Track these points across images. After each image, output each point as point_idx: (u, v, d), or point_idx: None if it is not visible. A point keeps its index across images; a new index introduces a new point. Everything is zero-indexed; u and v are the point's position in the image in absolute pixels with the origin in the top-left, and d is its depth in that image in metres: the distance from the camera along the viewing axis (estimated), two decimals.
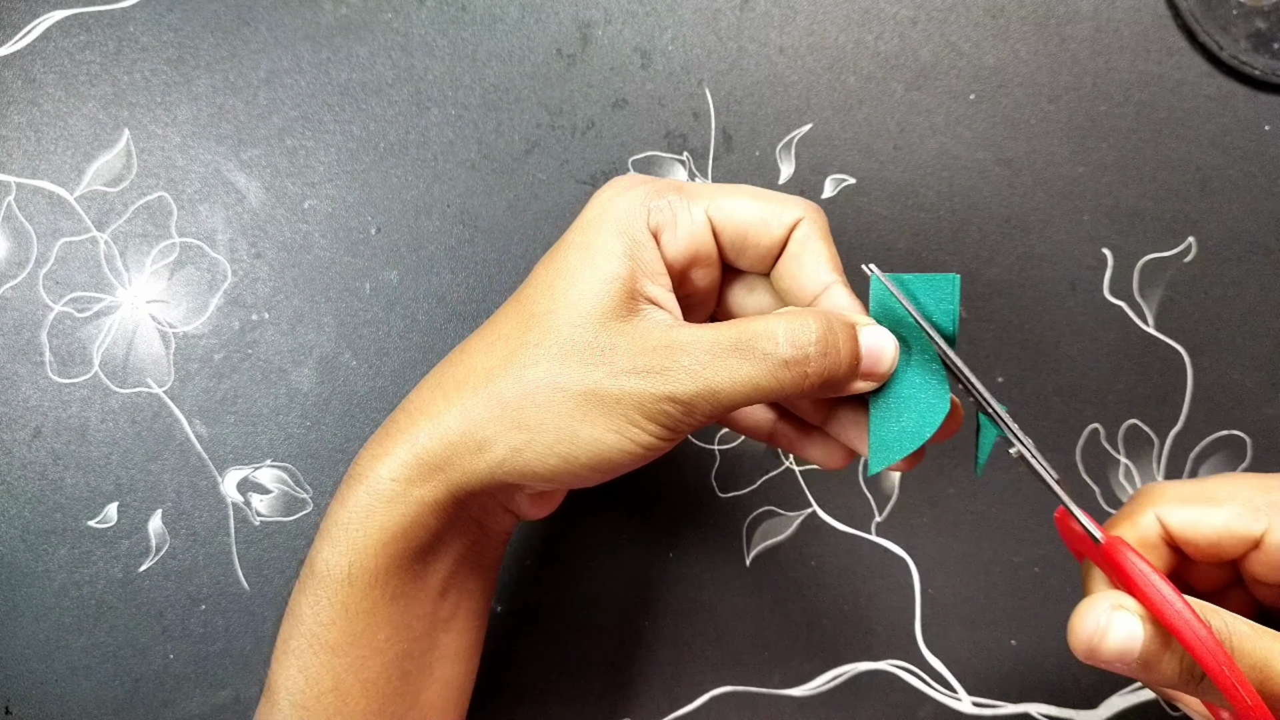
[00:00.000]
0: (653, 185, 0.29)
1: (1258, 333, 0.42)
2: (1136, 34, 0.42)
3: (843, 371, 0.27)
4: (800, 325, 0.27)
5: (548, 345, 0.28)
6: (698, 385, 0.27)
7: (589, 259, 0.28)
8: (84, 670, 0.40)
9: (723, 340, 0.27)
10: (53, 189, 0.41)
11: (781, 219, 0.29)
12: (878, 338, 0.28)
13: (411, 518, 0.29)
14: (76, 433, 0.41)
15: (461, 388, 0.29)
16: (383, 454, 0.29)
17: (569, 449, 0.28)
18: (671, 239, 0.29)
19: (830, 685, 0.41)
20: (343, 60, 0.42)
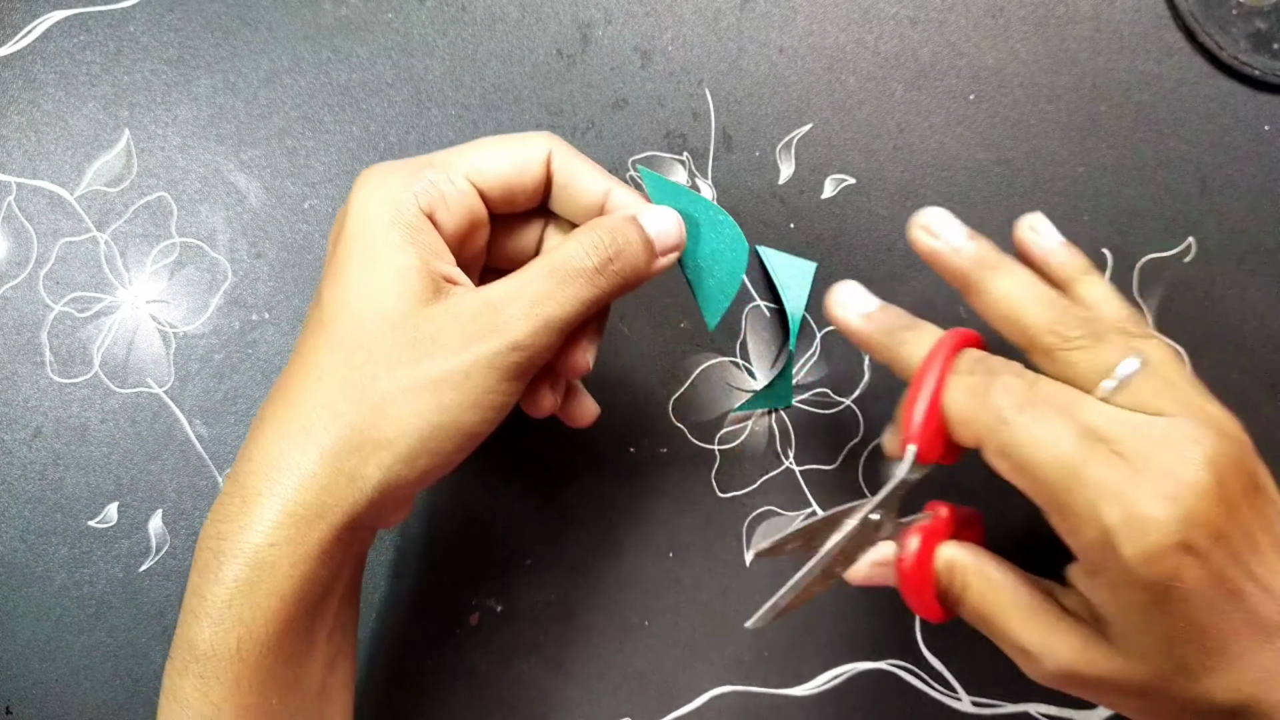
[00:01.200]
0: (404, 169, 0.30)
1: (1258, 333, 0.42)
2: (1136, 34, 0.42)
3: (643, 256, 0.30)
4: (593, 236, 0.29)
5: (376, 358, 0.28)
6: (533, 323, 0.28)
7: (375, 260, 0.28)
8: (84, 670, 0.40)
9: (536, 277, 0.29)
10: (53, 189, 0.41)
11: (535, 156, 0.31)
12: (659, 217, 0.31)
13: (300, 576, 0.28)
14: (77, 433, 0.41)
15: (309, 430, 0.28)
16: (249, 521, 0.27)
17: (435, 444, 0.28)
18: (446, 216, 0.29)
19: (830, 685, 0.41)
20: (343, 60, 0.42)
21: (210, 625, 0.27)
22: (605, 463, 0.41)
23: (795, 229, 0.42)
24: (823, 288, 0.34)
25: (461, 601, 0.41)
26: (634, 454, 0.42)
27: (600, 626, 0.41)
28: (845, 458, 0.42)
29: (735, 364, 0.42)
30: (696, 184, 0.42)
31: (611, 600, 0.41)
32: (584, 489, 0.42)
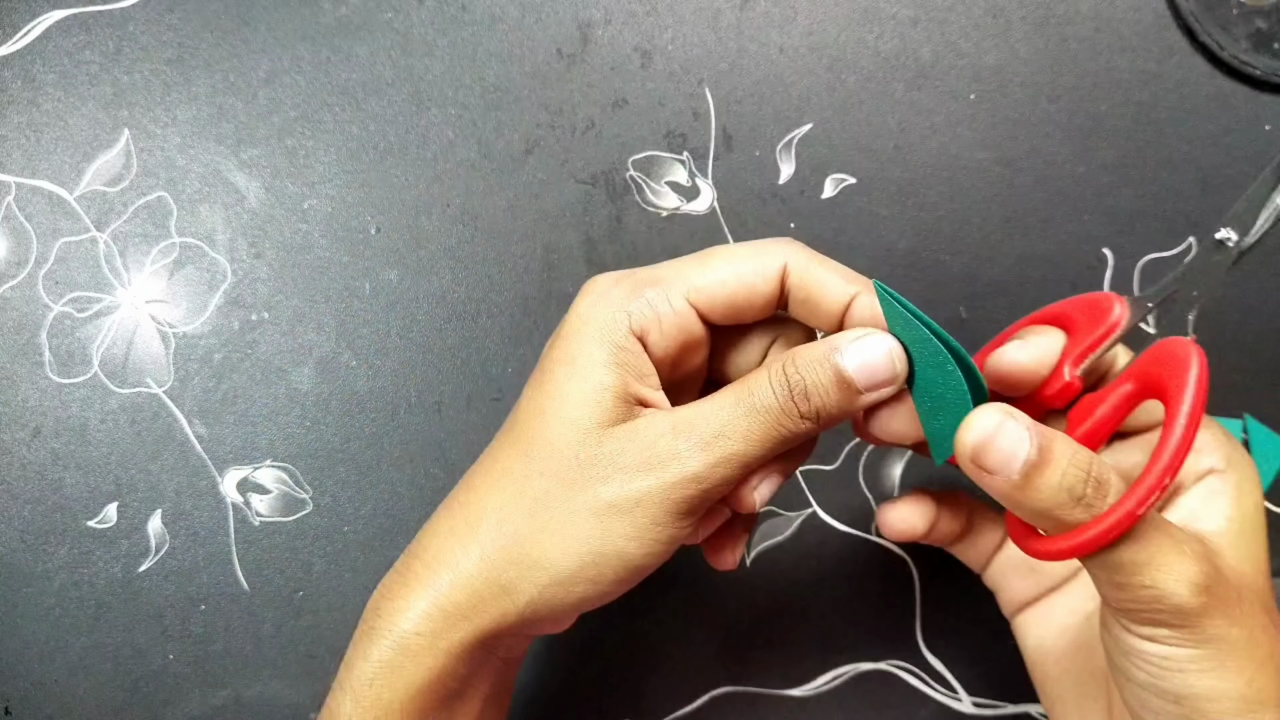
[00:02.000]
0: (629, 283, 0.29)
1: (1258, 332, 0.42)
2: (1137, 34, 0.42)
3: (838, 396, 0.27)
4: (783, 372, 0.27)
5: (553, 471, 0.27)
6: (714, 455, 0.27)
7: (576, 374, 0.28)
8: (83, 670, 0.40)
9: (723, 408, 0.27)
10: (52, 189, 0.41)
11: (766, 276, 0.29)
12: (863, 351, 0.27)
13: (439, 669, 0.28)
14: (76, 433, 0.41)
15: (475, 530, 0.28)
16: (404, 606, 0.28)
17: (595, 571, 0.27)
18: (658, 338, 0.28)
19: (830, 685, 0.41)
20: (342, 60, 0.42)
21: (352, 700, 0.28)
22: None
23: (795, 229, 0.42)
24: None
25: None
26: None
27: (600, 626, 0.41)
28: (845, 458, 0.42)
29: None
30: (697, 183, 0.42)
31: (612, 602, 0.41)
32: None
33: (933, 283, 0.42)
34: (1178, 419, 0.25)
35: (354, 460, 0.41)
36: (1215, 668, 0.25)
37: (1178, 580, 0.25)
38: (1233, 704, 0.25)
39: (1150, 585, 0.25)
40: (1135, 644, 0.26)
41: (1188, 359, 0.26)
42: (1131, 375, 0.28)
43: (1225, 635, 0.25)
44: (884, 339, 0.27)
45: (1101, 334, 0.29)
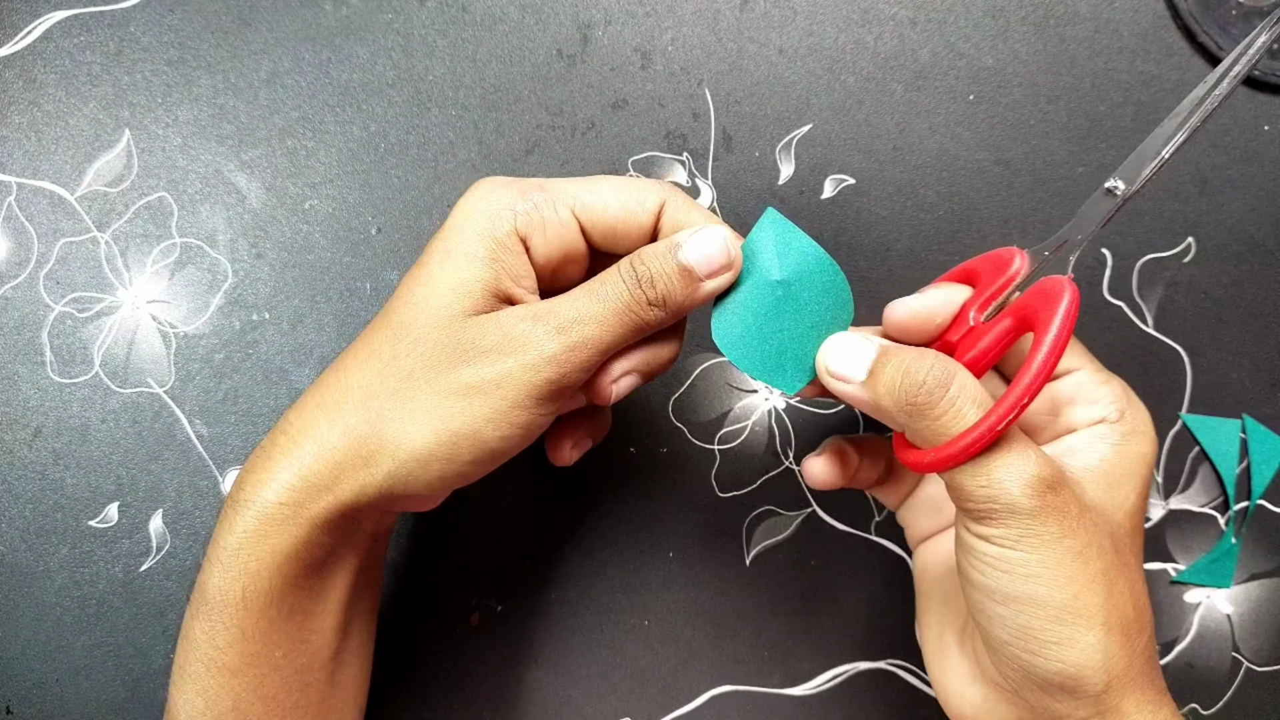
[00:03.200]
0: (517, 187, 0.30)
1: (1257, 333, 0.42)
2: (1136, 34, 0.42)
3: (680, 282, 0.29)
4: (631, 259, 0.29)
5: (418, 353, 0.29)
6: (569, 339, 0.28)
7: (451, 263, 0.29)
8: (84, 670, 0.40)
9: (577, 296, 0.29)
10: (53, 189, 0.41)
11: (645, 207, 0.30)
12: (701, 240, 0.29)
13: (303, 538, 0.29)
14: (77, 433, 0.41)
15: (340, 406, 0.29)
16: (267, 478, 0.29)
17: (450, 450, 0.28)
18: (541, 243, 0.30)
19: (829, 685, 0.41)
20: (343, 61, 0.42)
21: (220, 571, 0.29)
22: (605, 463, 0.41)
23: None
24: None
25: (461, 601, 0.41)
26: (634, 454, 0.42)
27: (600, 626, 0.41)
28: None
29: None
30: (696, 184, 0.42)
31: (611, 600, 0.41)
32: (584, 489, 0.42)
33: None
34: (1042, 346, 0.26)
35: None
36: (1044, 573, 0.26)
37: (1013, 479, 0.26)
38: (1056, 611, 0.26)
39: (986, 484, 0.26)
40: (973, 543, 0.28)
41: (1060, 293, 0.27)
42: (1012, 311, 0.30)
43: (1058, 543, 0.26)
44: (719, 229, 0.30)
45: (1002, 283, 0.30)
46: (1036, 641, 0.27)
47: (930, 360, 0.27)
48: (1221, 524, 0.42)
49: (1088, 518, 0.27)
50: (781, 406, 0.42)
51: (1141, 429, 0.31)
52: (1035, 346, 0.27)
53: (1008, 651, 0.28)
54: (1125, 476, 0.30)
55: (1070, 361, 0.31)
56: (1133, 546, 0.30)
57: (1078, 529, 0.27)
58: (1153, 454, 0.31)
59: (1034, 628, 0.27)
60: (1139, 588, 0.28)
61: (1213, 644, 0.42)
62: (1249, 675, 0.42)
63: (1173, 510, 0.42)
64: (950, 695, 0.32)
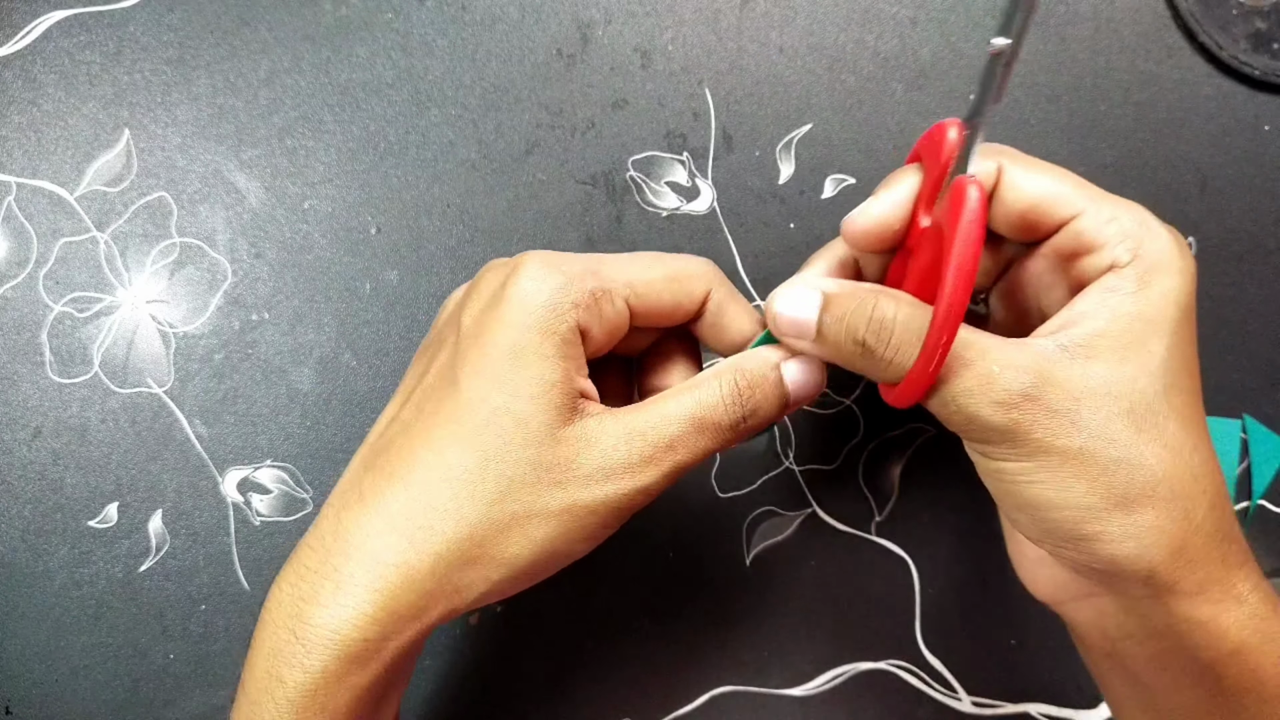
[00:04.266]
0: (571, 272, 0.28)
1: (1257, 332, 0.42)
2: (1136, 34, 0.42)
3: (777, 410, 0.29)
4: (736, 388, 0.29)
5: (509, 475, 0.27)
6: (665, 469, 0.28)
7: (524, 366, 0.27)
8: (84, 670, 0.40)
9: (676, 421, 0.28)
10: (53, 189, 0.41)
11: (693, 296, 0.31)
12: (802, 371, 0.30)
13: (383, 672, 0.27)
14: (77, 433, 0.41)
15: (428, 532, 0.27)
16: (342, 612, 0.26)
17: (543, 566, 0.28)
18: (598, 334, 0.29)
19: (830, 685, 0.41)
20: (343, 60, 0.42)
21: (292, 714, 0.26)
22: None
23: (795, 229, 0.42)
24: None
25: None
26: None
27: (600, 626, 0.41)
28: (845, 458, 0.42)
29: None
30: (696, 184, 0.42)
31: (611, 600, 0.41)
32: None
33: None
34: (948, 271, 0.24)
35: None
36: (1049, 478, 0.26)
37: (977, 402, 0.26)
38: (1073, 513, 0.26)
39: (958, 410, 0.26)
40: (975, 458, 0.28)
41: (962, 198, 0.25)
42: (938, 219, 0.27)
43: (1053, 446, 0.26)
44: (816, 362, 0.30)
45: (940, 170, 0.28)
46: (1066, 539, 0.26)
47: (868, 309, 0.27)
48: None
49: (1085, 406, 0.25)
50: None
51: (1164, 262, 0.27)
52: (943, 274, 0.24)
53: (1048, 548, 0.28)
54: (1147, 328, 0.26)
55: (1067, 204, 0.28)
56: (1173, 406, 0.26)
57: (1071, 428, 0.25)
58: (1183, 287, 0.27)
59: (1058, 528, 0.26)
60: (1183, 458, 0.26)
61: None
62: None
63: None
64: (1024, 574, 0.32)
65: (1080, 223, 0.28)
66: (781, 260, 0.42)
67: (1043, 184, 0.28)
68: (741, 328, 0.31)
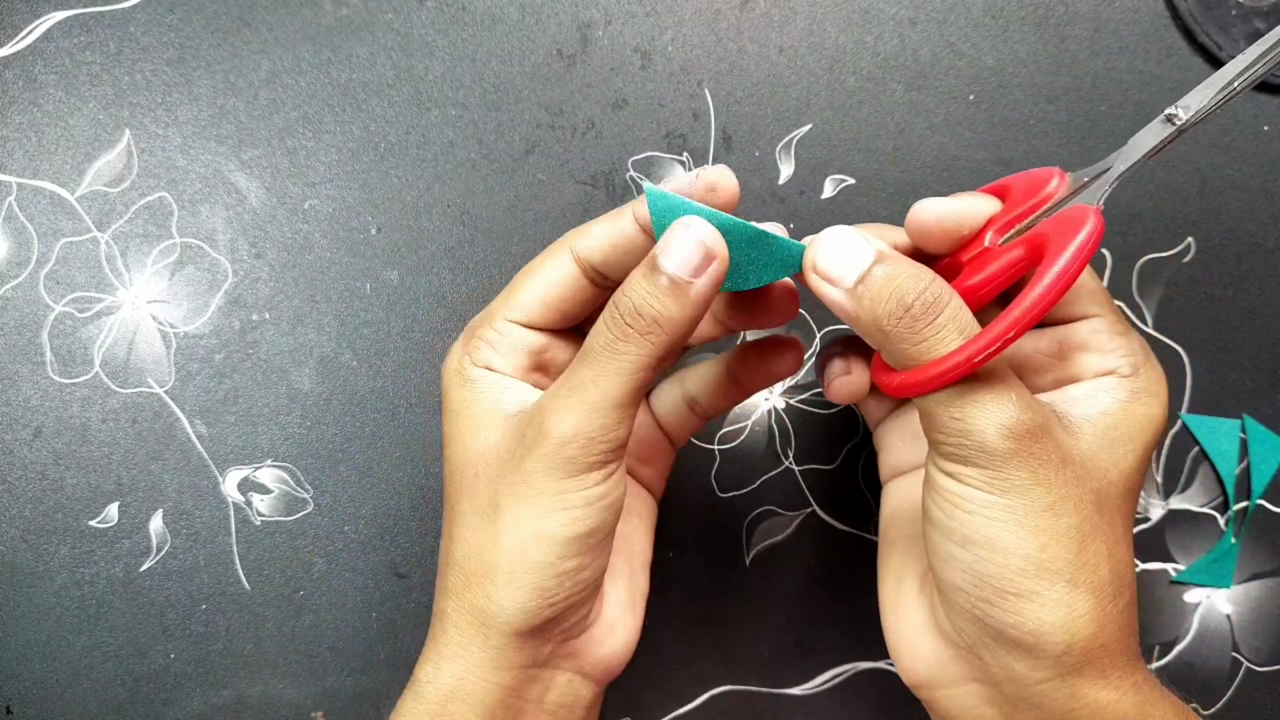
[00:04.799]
0: (464, 332, 0.31)
1: (1257, 333, 0.42)
2: (1135, 34, 0.42)
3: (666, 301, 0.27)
4: (610, 305, 0.28)
5: (474, 504, 0.29)
6: (573, 414, 0.27)
7: (460, 419, 0.30)
8: (85, 670, 0.40)
9: (571, 369, 0.28)
10: (54, 189, 0.41)
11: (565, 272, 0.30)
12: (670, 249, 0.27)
13: (447, 714, 0.29)
14: (77, 432, 0.41)
15: (440, 576, 0.30)
16: (420, 660, 0.30)
17: (531, 559, 0.28)
18: (501, 361, 0.31)
19: (830, 684, 0.41)
20: (343, 61, 0.42)
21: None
22: None
23: (795, 229, 0.42)
24: None
25: None
26: None
27: None
28: (845, 458, 0.42)
29: None
30: None
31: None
32: None
33: None
34: (1044, 277, 0.24)
35: (355, 460, 0.41)
36: (1009, 520, 0.26)
37: (989, 418, 0.25)
38: (1019, 562, 0.26)
39: (959, 418, 0.25)
40: (939, 478, 0.27)
41: (1081, 222, 0.25)
42: (1028, 239, 0.27)
43: (1027, 491, 0.25)
44: (687, 224, 0.27)
45: (1033, 204, 0.28)
46: (994, 591, 0.26)
47: (925, 282, 0.26)
48: (1221, 524, 0.42)
49: (1069, 470, 0.26)
50: (781, 407, 0.42)
51: (1154, 391, 0.29)
52: (1037, 277, 0.24)
53: (963, 600, 0.27)
54: (1127, 435, 0.28)
55: (1089, 306, 0.29)
56: (1122, 509, 0.28)
57: (1054, 480, 0.26)
58: (1162, 419, 0.29)
59: (993, 576, 0.26)
60: (1120, 551, 0.27)
61: (1213, 644, 0.42)
62: (1249, 675, 0.42)
63: (1172, 510, 0.42)
64: (902, 647, 0.31)
65: (1099, 323, 0.29)
66: None
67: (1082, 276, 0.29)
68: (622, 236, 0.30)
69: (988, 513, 0.26)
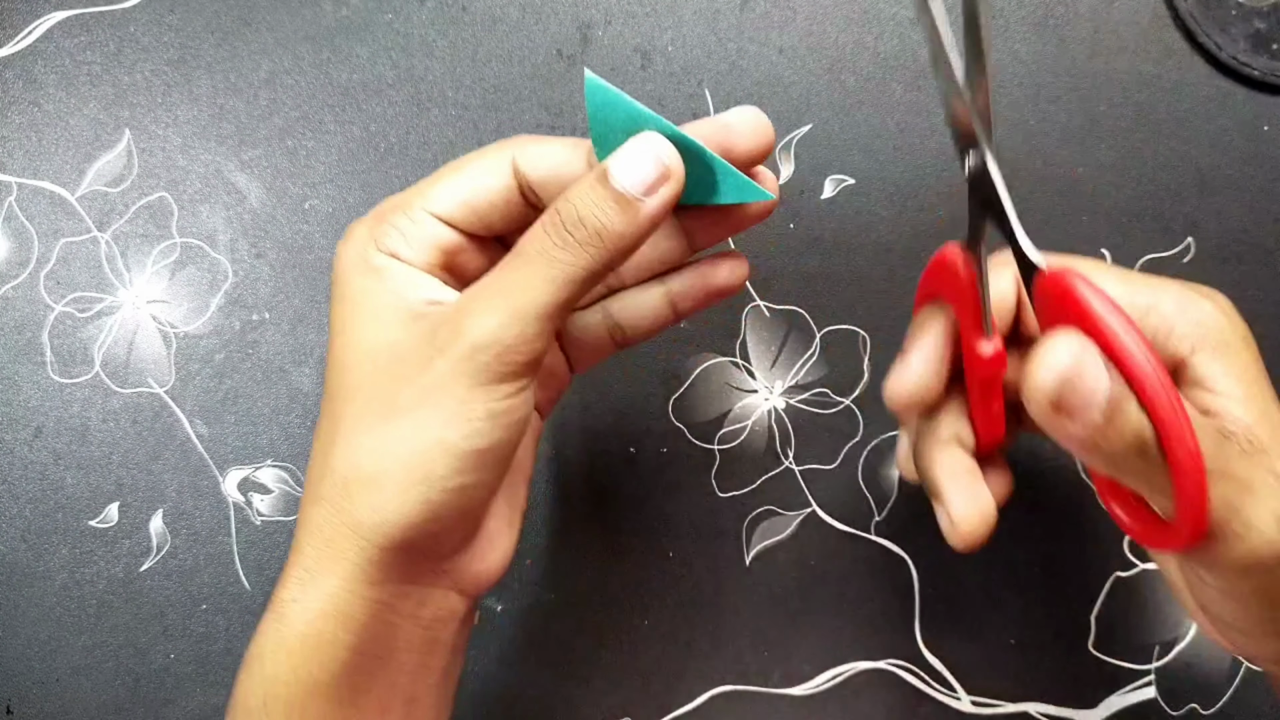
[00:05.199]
0: (370, 216, 0.29)
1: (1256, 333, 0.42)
2: (1135, 35, 0.42)
3: (615, 213, 0.26)
4: (550, 209, 0.26)
5: (358, 398, 0.27)
6: (496, 318, 0.25)
7: (354, 307, 0.28)
8: (85, 670, 0.40)
9: (499, 269, 0.26)
10: (54, 189, 0.41)
11: (496, 170, 0.28)
12: (625, 159, 0.26)
13: (315, 634, 0.27)
14: (77, 433, 0.41)
15: (316, 486, 0.27)
16: (282, 578, 0.28)
17: (424, 469, 0.26)
18: (408, 251, 0.28)
19: (829, 684, 0.41)
20: (343, 61, 0.42)
21: (245, 678, 0.27)
22: (605, 463, 0.41)
23: (795, 229, 0.42)
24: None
25: None
26: (634, 454, 0.42)
27: (600, 626, 0.41)
28: (845, 457, 0.42)
29: (735, 364, 0.42)
30: None
31: (611, 600, 0.41)
32: (584, 489, 0.42)
33: None
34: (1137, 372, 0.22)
35: None
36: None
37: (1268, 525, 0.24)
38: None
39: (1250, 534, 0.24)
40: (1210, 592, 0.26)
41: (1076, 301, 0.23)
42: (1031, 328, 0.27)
43: None
44: (645, 138, 0.26)
45: (969, 293, 0.27)
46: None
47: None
48: None
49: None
50: (781, 406, 0.42)
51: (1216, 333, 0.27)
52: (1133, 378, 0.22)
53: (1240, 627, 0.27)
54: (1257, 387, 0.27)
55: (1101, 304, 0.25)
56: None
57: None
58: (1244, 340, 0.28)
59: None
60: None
61: (1213, 644, 0.42)
62: (1249, 675, 0.42)
63: None
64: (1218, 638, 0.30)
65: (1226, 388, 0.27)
66: (781, 261, 0.42)
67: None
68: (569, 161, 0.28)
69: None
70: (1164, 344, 0.28)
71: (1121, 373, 0.22)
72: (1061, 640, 0.41)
